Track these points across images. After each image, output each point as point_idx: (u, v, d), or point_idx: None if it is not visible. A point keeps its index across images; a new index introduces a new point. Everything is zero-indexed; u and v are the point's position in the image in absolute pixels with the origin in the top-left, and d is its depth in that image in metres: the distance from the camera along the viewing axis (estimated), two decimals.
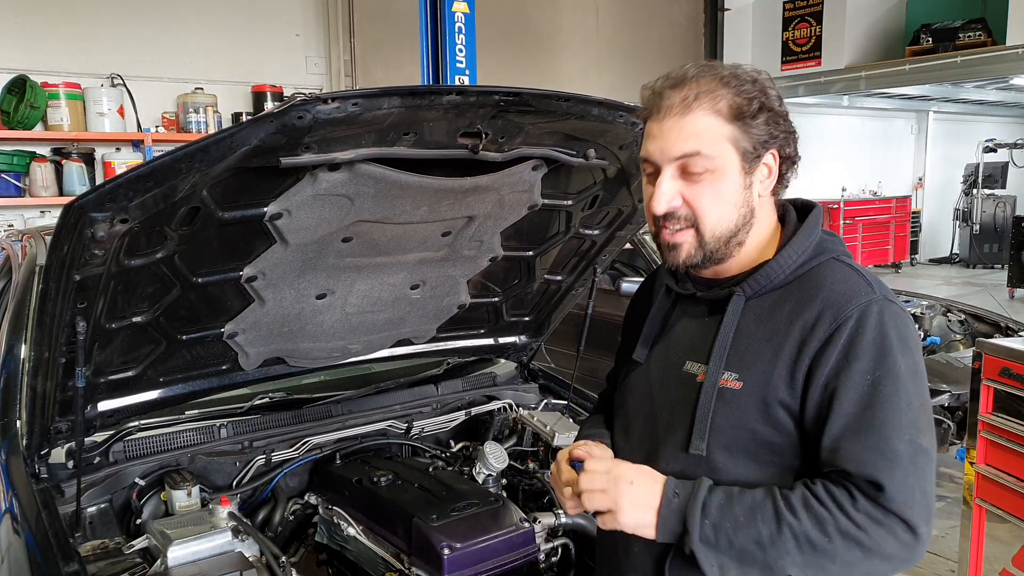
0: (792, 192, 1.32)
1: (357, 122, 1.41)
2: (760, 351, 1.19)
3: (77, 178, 5.60)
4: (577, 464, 1.29)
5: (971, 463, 2.79)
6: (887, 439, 1.10)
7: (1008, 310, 6.46)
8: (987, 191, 12.56)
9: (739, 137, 1.17)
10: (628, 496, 1.18)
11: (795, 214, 1.29)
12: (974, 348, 2.80)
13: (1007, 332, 4.36)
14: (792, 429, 1.18)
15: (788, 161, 1.24)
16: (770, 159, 1.21)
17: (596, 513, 1.22)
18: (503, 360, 2.74)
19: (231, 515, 1.79)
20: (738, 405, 1.19)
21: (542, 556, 1.89)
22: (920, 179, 14.00)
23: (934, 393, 3.95)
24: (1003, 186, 12.60)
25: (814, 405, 1.15)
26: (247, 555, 1.72)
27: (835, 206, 11.77)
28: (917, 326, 4.70)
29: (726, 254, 1.23)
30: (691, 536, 1.14)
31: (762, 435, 1.19)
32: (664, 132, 1.18)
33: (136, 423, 2.04)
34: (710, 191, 1.18)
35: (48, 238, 1.53)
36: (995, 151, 12.46)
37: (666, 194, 1.19)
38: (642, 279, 1.58)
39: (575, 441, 1.43)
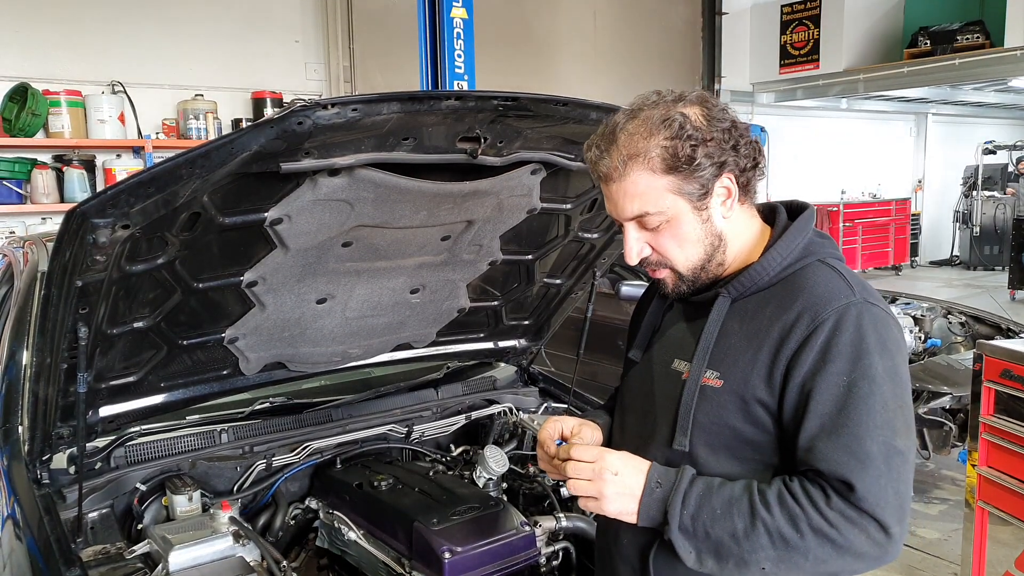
0: (791, 195, 1.33)
1: (357, 127, 1.42)
2: (741, 350, 1.23)
3: (78, 185, 5.61)
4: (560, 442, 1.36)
5: (973, 465, 2.79)
6: (859, 440, 1.12)
7: (1009, 312, 6.46)
8: (987, 193, 12.57)
9: (680, 185, 1.20)
10: (612, 485, 1.22)
11: (785, 215, 1.31)
12: (975, 350, 2.80)
13: (1008, 334, 4.36)
14: (771, 427, 1.21)
15: (748, 171, 1.25)
16: (726, 182, 1.23)
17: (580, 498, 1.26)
18: (503, 364, 2.75)
19: (232, 520, 1.79)
20: (719, 402, 1.23)
21: (543, 560, 1.89)
22: (919, 181, 14.01)
23: (935, 396, 3.95)
24: (1002, 188, 12.61)
25: (791, 405, 1.18)
26: (248, 560, 1.72)
27: (834, 209, 11.77)
28: (918, 328, 4.70)
29: (709, 277, 1.28)
30: (670, 526, 1.18)
31: (741, 432, 1.22)
32: (612, 196, 1.24)
33: (137, 428, 2.04)
34: (670, 237, 1.24)
35: (50, 245, 1.53)
36: (994, 153, 12.47)
37: (633, 248, 1.26)
38: (641, 282, 1.59)
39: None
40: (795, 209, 1.33)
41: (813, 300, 1.19)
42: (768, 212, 1.34)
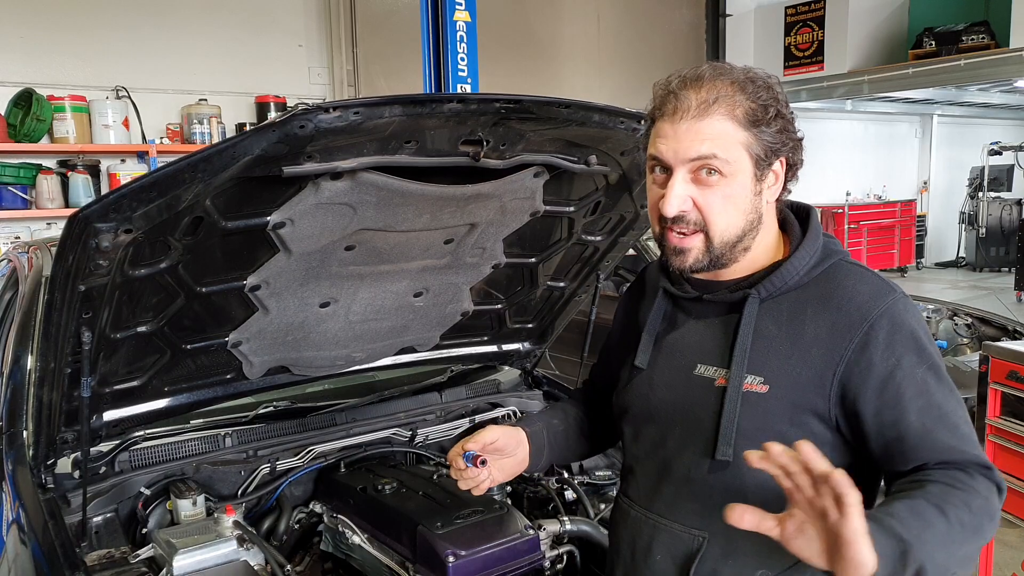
0: (796, 196, 1.32)
1: (359, 131, 1.42)
2: (785, 354, 1.19)
3: (83, 190, 5.64)
4: (468, 455, 1.38)
5: None
6: (956, 425, 1.14)
7: (1015, 313, 6.42)
8: (993, 194, 12.52)
9: (753, 143, 1.17)
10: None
11: (794, 217, 1.30)
12: (981, 352, 2.79)
13: (1014, 335, 4.33)
14: (821, 431, 1.18)
15: (792, 169, 1.24)
16: (778, 166, 1.21)
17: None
18: (507, 367, 2.74)
19: (236, 524, 1.79)
20: (765, 409, 1.18)
21: (547, 563, 1.89)
22: (925, 183, 13.97)
23: None
24: (1009, 189, 12.56)
25: (872, 409, 1.15)
26: (252, 564, 1.72)
27: (839, 211, 11.74)
28: None
29: (731, 259, 1.23)
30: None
31: (789, 437, 1.16)
32: (679, 134, 1.16)
33: (141, 433, 2.04)
34: (721, 196, 1.17)
35: (54, 250, 1.54)
36: (1000, 154, 12.43)
37: (678, 196, 1.17)
38: None
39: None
40: (797, 210, 1.32)
41: (859, 300, 1.17)
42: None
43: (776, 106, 1.17)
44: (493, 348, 2.58)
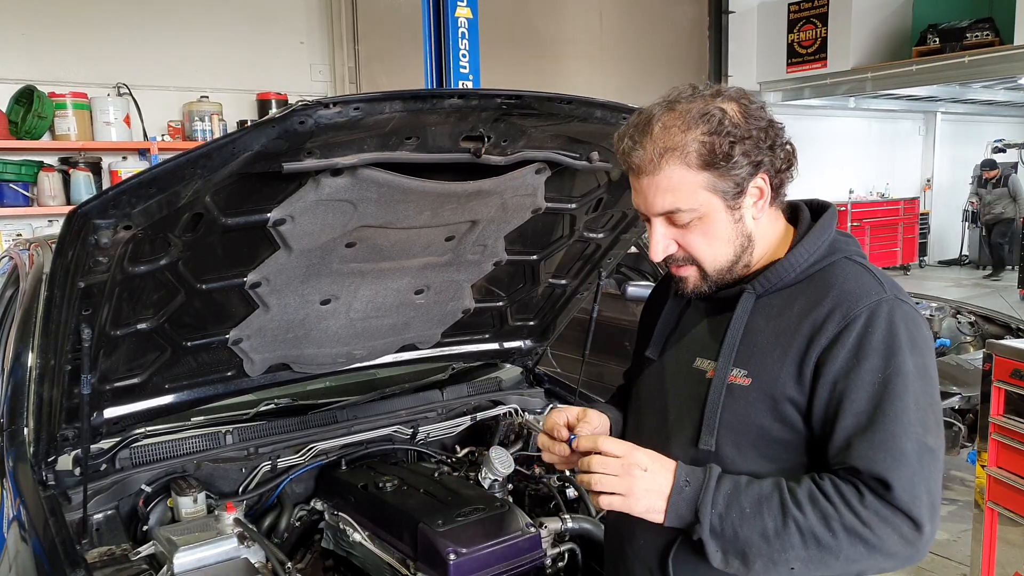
0: (798, 195, 1.32)
1: (359, 127, 1.41)
2: (769, 348, 1.21)
3: (84, 187, 5.64)
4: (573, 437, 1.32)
5: (982, 466, 2.76)
6: (895, 437, 1.12)
7: (1018, 311, 6.40)
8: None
9: (715, 182, 1.17)
10: (642, 482, 1.18)
11: (808, 214, 1.30)
12: (984, 350, 2.78)
13: (1018, 333, 4.33)
14: (800, 425, 1.19)
15: (782, 172, 1.23)
16: (759, 182, 1.21)
17: (600, 492, 1.20)
18: (508, 365, 2.74)
19: (237, 521, 1.79)
20: (747, 401, 1.21)
21: (548, 561, 1.88)
22: (928, 180, 13.93)
23: (945, 396, 3.92)
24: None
25: (822, 403, 1.17)
26: (253, 561, 1.72)
27: (842, 208, 11.70)
28: None
29: (733, 277, 1.26)
30: (702, 526, 1.15)
31: (770, 431, 1.20)
32: (642, 189, 1.20)
33: (142, 430, 2.04)
34: (700, 235, 1.21)
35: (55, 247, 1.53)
36: (1004, 151, 12.38)
37: (659, 244, 1.23)
38: (648, 282, 1.58)
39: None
40: (816, 208, 1.31)
41: (844, 296, 1.18)
42: (789, 210, 1.31)
43: (732, 135, 1.15)
44: (494, 346, 2.58)
